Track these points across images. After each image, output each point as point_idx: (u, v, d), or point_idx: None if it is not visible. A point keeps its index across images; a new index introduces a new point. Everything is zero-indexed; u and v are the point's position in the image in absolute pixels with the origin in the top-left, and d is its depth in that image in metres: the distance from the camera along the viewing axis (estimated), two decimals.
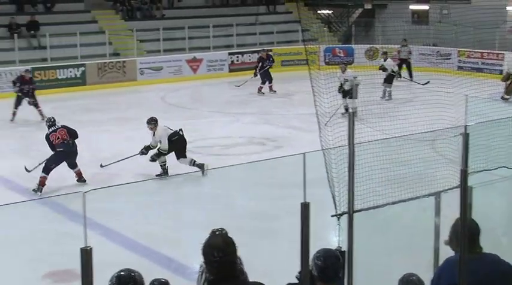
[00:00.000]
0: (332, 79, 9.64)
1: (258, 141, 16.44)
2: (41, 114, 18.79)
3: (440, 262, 5.17)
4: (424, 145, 8.64)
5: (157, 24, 28.05)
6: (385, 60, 22.56)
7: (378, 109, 16.03)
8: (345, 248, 5.37)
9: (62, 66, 24.07)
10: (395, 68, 22.60)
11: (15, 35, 24.56)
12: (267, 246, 9.68)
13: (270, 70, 23.50)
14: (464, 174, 4.46)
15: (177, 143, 13.38)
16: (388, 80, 21.78)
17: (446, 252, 4.97)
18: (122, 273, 4.38)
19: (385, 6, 31.62)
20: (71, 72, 24.24)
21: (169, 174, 13.19)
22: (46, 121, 13.75)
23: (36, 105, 19.08)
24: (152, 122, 13.69)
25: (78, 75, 24.34)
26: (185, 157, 13.44)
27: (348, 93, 18.72)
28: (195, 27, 27.99)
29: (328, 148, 6.10)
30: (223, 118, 19.16)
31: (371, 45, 29.31)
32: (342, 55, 28.94)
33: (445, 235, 5.69)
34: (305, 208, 4.13)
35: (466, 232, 4.30)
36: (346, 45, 29.79)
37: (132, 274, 4.38)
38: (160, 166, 13.46)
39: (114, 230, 10.22)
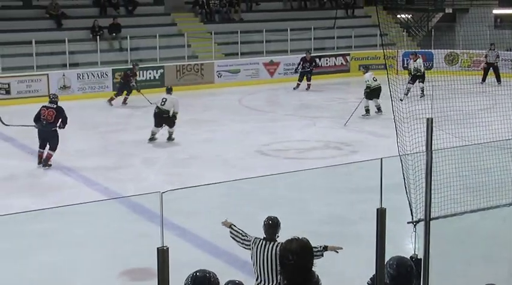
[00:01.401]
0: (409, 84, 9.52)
1: (334, 146, 16.35)
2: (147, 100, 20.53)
3: None
4: (505, 153, 8.43)
5: (235, 27, 28.24)
6: (414, 61, 22.81)
7: (456, 116, 15.75)
8: (421, 255, 5.30)
9: (141, 68, 24.47)
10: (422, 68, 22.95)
11: (98, 37, 25.14)
12: (342, 251, 9.61)
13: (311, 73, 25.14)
14: None
15: None
16: (414, 79, 22.31)
17: None
18: (197, 273, 4.41)
19: (467, 10, 31.05)
20: (150, 73, 24.64)
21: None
22: (50, 94, 15.00)
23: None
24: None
25: (157, 77, 24.73)
26: None
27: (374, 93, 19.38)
28: (272, 31, 28.07)
29: (406, 154, 6.03)
30: (299, 122, 19.14)
31: (451, 50, 28.80)
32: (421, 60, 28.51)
33: None
34: (381, 213, 4.10)
35: None
36: (426, 50, 29.34)
37: (208, 275, 4.41)
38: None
39: (190, 231, 10.34)
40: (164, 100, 16.85)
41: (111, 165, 14.50)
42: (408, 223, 5.62)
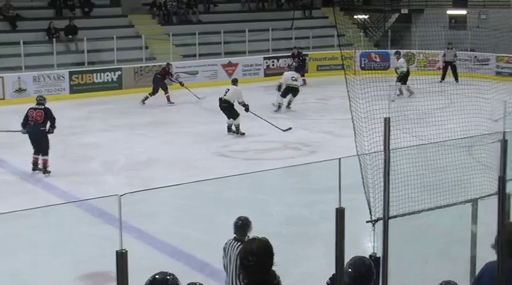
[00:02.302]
0: (368, 84, 9.59)
1: (293, 146, 16.41)
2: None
3: (478, 270, 5.12)
4: (461, 152, 8.54)
5: (193, 28, 28.18)
6: (397, 60, 23.11)
7: (413, 115, 15.91)
8: (379, 254, 5.34)
9: (98, 70, 24.31)
10: (405, 68, 23.19)
11: (54, 39, 24.87)
12: (302, 251, 9.65)
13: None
14: (502, 181, 4.41)
15: None
16: (402, 79, 22.66)
17: (484, 260, 4.92)
18: (156, 276, 4.38)
19: (422, 11, 31.42)
20: (107, 76, 24.45)
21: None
22: (37, 97, 14.73)
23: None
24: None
25: (114, 79, 24.55)
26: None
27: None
28: (230, 32, 28.08)
29: (364, 153, 6.08)
30: (258, 123, 19.15)
31: (407, 50, 29.12)
32: (378, 60, 28.81)
33: (482, 242, 5.64)
34: (340, 213, 4.12)
35: (505, 239, 4.25)
36: (383, 50, 29.63)
37: (167, 277, 4.39)
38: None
39: (150, 233, 10.28)
40: (227, 90, 17.77)
41: (70, 168, 14.35)
42: (367, 222, 5.67)
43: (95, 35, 25.83)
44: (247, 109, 17.68)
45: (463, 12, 30.77)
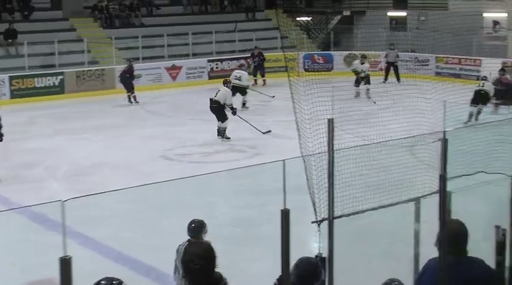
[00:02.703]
0: (311, 85, 9.67)
1: (238, 148, 16.43)
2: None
3: (421, 267, 5.20)
4: (403, 151, 8.67)
5: (136, 32, 28.00)
6: (362, 63, 23.13)
7: (356, 116, 16.08)
8: (325, 254, 5.38)
9: (40, 75, 23.95)
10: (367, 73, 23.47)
11: None
12: (248, 253, 9.67)
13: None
14: (443, 179, 4.49)
15: None
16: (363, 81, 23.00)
17: (426, 257, 5.00)
18: (102, 282, 4.35)
19: (364, 13, 31.80)
20: (49, 80, 24.10)
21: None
22: None
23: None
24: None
25: (56, 84, 24.21)
26: None
27: None
28: (174, 35, 27.97)
29: (308, 154, 6.12)
30: (203, 126, 19.11)
31: (350, 52, 29.45)
32: (321, 61, 29.05)
33: (424, 240, 5.73)
34: (285, 214, 4.14)
35: (446, 236, 4.33)
36: (325, 52, 29.90)
37: (113, 282, 4.36)
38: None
39: (94, 239, 10.17)
40: (218, 91, 17.80)
41: (12, 175, 14.09)
42: (312, 222, 5.69)
43: (35, 38, 25.42)
44: (234, 113, 17.57)
45: (403, 13, 31.25)
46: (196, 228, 7.04)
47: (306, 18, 33.55)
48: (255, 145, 16.61)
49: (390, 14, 31.60)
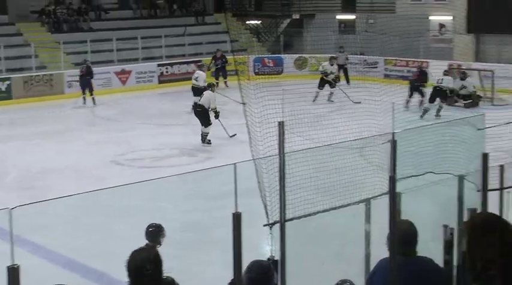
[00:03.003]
0: (262, 89, 9.71)
1: (189, 152, 16.39)
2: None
3: (372, 268, 5.25)
4: (353, 153, 8.75)
5: (85, 36, 27.72)
6: (332, 65, 23.45)
7: (307, 118, 16.17)
8: (277, 257, 5.39)
9: None
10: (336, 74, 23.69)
11: None
12: (201, 257, 9.65)
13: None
14: (392, 180, 4.54)
15: None
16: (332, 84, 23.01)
17: (377, 258, 5.05)
18: None
19: (313, 16, 32.02)
20: None
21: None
22: None
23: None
24: None
25: (3, 89, 23.81)
26: None
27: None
28: (123, 39, 27.76)
29: (259, 157, 6.13)
30: (154, 130, 19.04)
31: (300, 55, 29.61)
32: (271, 65, 29.15)
33: (375, 241, 5.78)
34: (237, 218, 4.14)
35: (396, 236, 4.38)
36: (276, 55, 30.00)
37: None
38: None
39: (44, 246, 10.03)
40: (202, 95, 17.56)
41: None
42: (264, 225, 5.71)
43: None
44: (217, 116, 17.39)
45: (352, 17, 31.55)
46: (155, 232, 7.05)
47: (256, 22, 33.63)
48: (206, 149, 16.59)
49: (339, 17, 31.87)
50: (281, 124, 5.73)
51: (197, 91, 21.28)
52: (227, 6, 32.94)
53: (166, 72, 27.82)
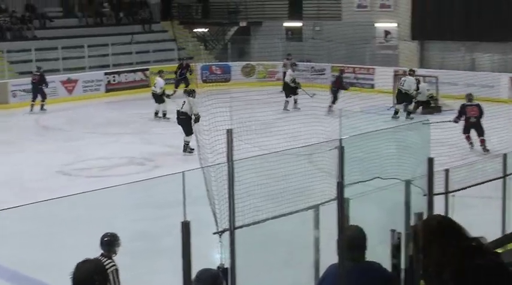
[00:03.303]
0: (209, 96, 9.71)
1: (138, 161, 16.28)
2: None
3: (321, 274, 5.28)
4: (302, 160, 8.80)
5: (29, 44, 27.31)
6: (293, 71, 23.76)
7: (255, 126, 16.22)
8: (227, 265, 5.39)
9: None
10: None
11: None
12: (150, 266, 9.59)
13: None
14: (340, 186, 4.58)
15: None
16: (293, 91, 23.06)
17: (327, 263, 5.08)
18: None
19: (260, 23, 32.15)
20: None
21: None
22: None
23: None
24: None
25: None
26: None
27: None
28: (68, 48, 27.45)
29: (208, 165, 6.13)
30: (101, 139, 18.85)
31: (247, 62, 29.69)
32: (219, 72, 29.17)
33: (324, 246, 5.82)
34: (185, 226, 4.13)
35: (344, 242, 4.42)
36: (223, 63, 30.03)
37: None
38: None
39: None
40: (183, 102, 17.20)
41: None
42: (213, 233, 5.70)
43: None
44: (197, 120, 17.08)
45: (299, 24, 31.76)
46: (110, 241, 7.01)
47: (203, 30, 33.62)
48: (154, 157, 16.50)
49: (286, 24, 32.05)
50: (229, 132, 5.74)
51: (156, 97, 21.22)
52: (174, 14, 32.90)
53: (114, 80, 27.59)
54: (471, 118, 17.71)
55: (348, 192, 5.10)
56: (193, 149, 16.46)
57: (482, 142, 16.95)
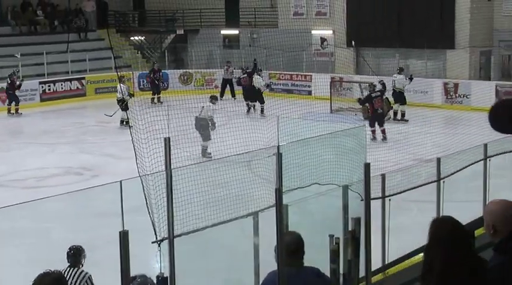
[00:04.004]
0: (147, 105, 9.68)
1: (75, 171, 16.06)
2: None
3: (261, 280, 5.30)
4: (241, 167, 8.83)
5: None
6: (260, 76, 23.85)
7: (193, 134, 16.21)
8: (167, 274, 5.38)
9: None
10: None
11: None
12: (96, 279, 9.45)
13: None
14: (279, 193, 4.61)
15: None
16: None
17: (267, 270, 5.11)
18: None
19: (197, 31, 32.11)
20: None
21: None
22: None
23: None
24: None
25: None
26: None
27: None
28: (1, 57, 26.92)
29: (145, 174, 6.10)
30: (37, 149, 18.53)
31: (185, 70, 29.61)
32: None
33: (264, 253, 5.85)
34: (124, 236, 4.10)
35: (283, 248, 4.45)
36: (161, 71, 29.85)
37: None
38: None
39: None
40: (202, 108, 17.34)
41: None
42: (152, 242, 5.68)
43: None
44: (213, 127, 16.94)
45: (236, 32, 31.85)
46: (76, 254, 7.12)
47: (140, 38, 33.41)
48: (92, 167, 16.31)
49: (223, 32, 32.10)
50: (167, 140, 5.73)
51: (120, 103, 20.85)
52: (110, 22, 32.60)
53: (49, 89, 27.14)
54: (378, 110, 18.22)
55: (287, 198, 5.14)
56: (210, 153, 16.38)
57: (384, 131, 18.11)
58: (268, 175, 7.21)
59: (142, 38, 33.50)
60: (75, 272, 7.19)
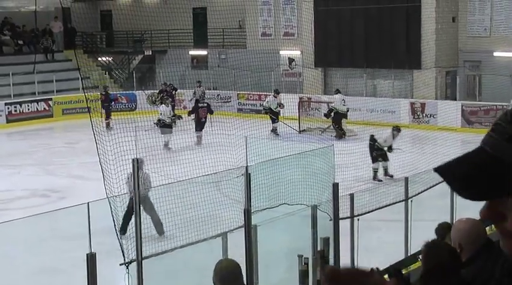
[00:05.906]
0: (115, 126, 9.61)
1: (42, 193, 15.86)
2: None
3: None
4: (209, 188, 8.80)
5: None
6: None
7: (162, 154, 16.13)
8: None
9: None
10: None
11: None
12: None
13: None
14: (247, 213, 4.60)
15: None
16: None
17: None
18: None
19: (165, 52, 32.09)
20: None
21: None
22: None
23: None
24: None
25: None
26: None
27: None
28: None
29: (113, 195, 6.06)
30: (2, 171, 18.28)
31: (153, 91, 29.54)
32: (124, 101, 28.87)
33: None
34: (91, 258, 4.05)
35: (253, 270, 4.43)
36: (128, 92, 29.76)
37: None
38: None
39: None
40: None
41: None
42: (120, 264, 5.62)
43: None
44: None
45: (204, 52, 31.89)
46: None
47: (108, 58, 33.29)
48: (59, 189, 16.12)
49: (192, 52, 32.12)
50: (135, 161, 5.70)
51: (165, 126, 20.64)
52: (77, 43, 32.44)
53: (15, 111, 26.87)
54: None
55: (256, 219, 5.13)
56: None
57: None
58: (237, 195, 7.19)
59: (110, 59, 33.39)
60: None
